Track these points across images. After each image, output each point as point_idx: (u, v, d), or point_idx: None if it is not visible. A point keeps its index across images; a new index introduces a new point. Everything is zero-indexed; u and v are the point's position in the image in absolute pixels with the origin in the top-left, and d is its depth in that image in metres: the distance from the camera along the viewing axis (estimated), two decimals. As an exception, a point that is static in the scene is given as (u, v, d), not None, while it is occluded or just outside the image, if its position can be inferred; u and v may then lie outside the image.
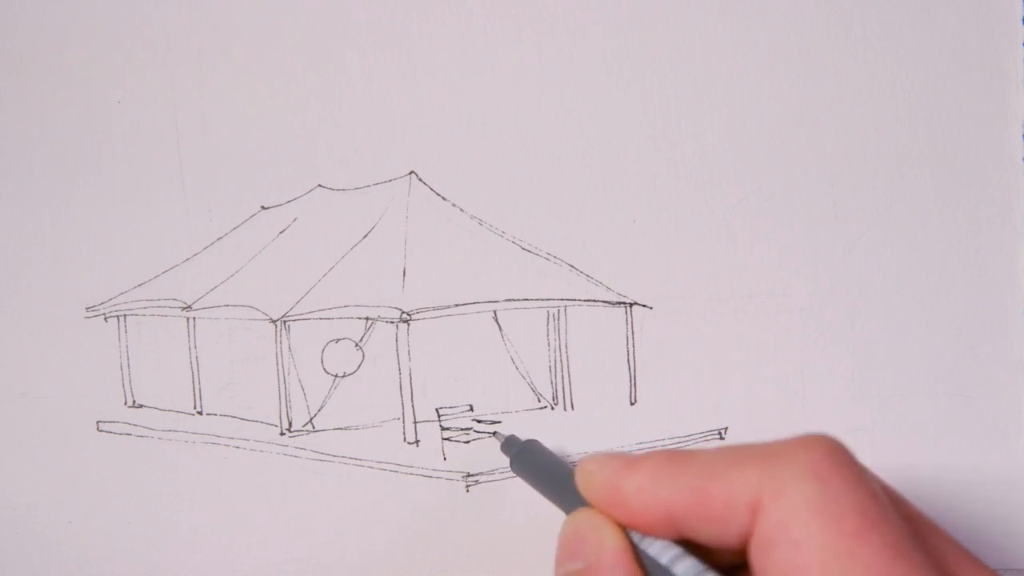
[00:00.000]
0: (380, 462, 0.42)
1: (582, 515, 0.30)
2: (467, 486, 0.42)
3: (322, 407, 0.43)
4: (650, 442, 0.42)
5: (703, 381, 0.42)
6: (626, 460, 0.29)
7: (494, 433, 0.41)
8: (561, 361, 0.43)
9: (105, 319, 0.43)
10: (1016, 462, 0.41)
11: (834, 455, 0.26)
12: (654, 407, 0.42)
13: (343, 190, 0.43)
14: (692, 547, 0.28)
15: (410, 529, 0.42)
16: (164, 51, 0.43)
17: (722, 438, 0.42)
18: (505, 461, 0.39)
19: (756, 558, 0.25)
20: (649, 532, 0.28)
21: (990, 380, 0.41)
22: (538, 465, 0.36)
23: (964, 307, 0.42)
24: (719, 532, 0.26)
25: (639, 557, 0.28)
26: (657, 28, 0.42)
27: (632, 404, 0.42)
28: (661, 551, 0.28)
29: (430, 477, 0.42)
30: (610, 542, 0.28)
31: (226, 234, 0.43)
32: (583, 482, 0.30)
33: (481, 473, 0.42)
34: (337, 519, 0.42)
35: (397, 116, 0.42)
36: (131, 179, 0.43)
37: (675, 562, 0.27)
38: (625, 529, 0.29)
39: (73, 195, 0.43)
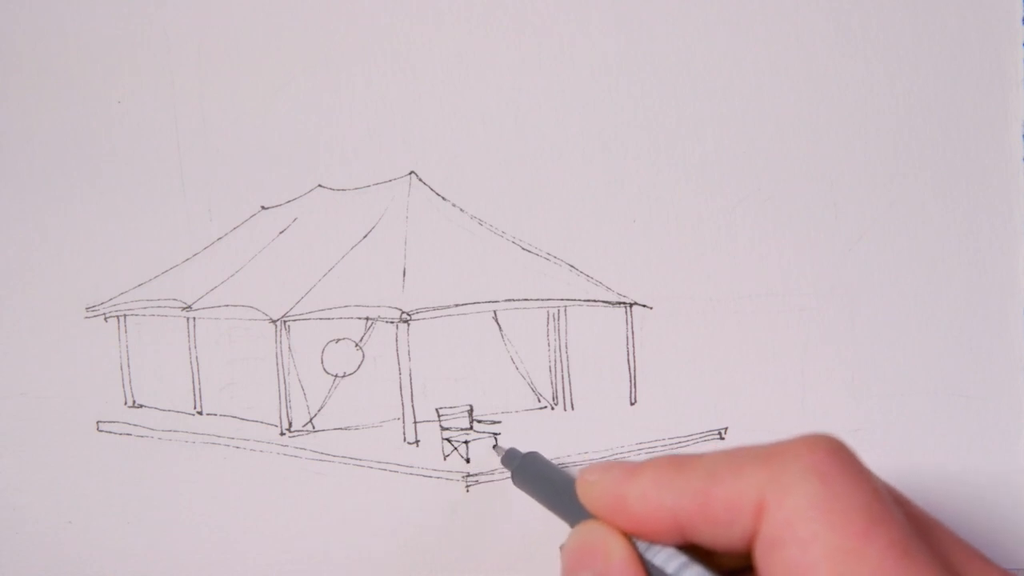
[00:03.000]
0: (380, 462, 0.42)
1: (587, 527, 0.29)
2: (467, 486, 0.42)
3: (322, 407, 0.43)
4: (650, 442, 0.42)
5: (703, 381, 0.42)
6: (627, 468, 0.29)
7: (495, 446, 0.41)
8: (561, 361, 0.43)
9: (105, 319, 0.43)
10: (1016, 462, 0.41)
11: (837, 454, 0.26)
12: (654, 407, 0.42)
13: (343, 190, 0.43)
14: (697, 551, 0.28)
15: (410, 529, 0.42)
16: (164, 51, 0.43)
17: (722, 438, 0.42)
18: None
19: (762, 559, 0.25)
20: (654, 539, 0.28)
21: (990, 380, 0.41)
22: (539, 478, 0.36)
23: (964, 307, 0.42)
24: (724, 535, 0.26)
25: (646, 567, 0.28)
26: (657, 28, 0.42)
27: (632, 404, 0.42)
28: (667, 560, 0.27)
29: (430, 477, 0.42)
30: (617, 553, 0.28)
31: (226, 234, 0.43)
32: (585, 493, 0.30)
33: (481, 473, 0.42)
34: (337, 519, 0.42)
35: (397, 116, 0.42)
36: (131, 179, 0.43)
37: (682, 570, 0.27)
38: (630, 538, 0.28)
39: (73, 195, 0.43)
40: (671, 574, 0.27)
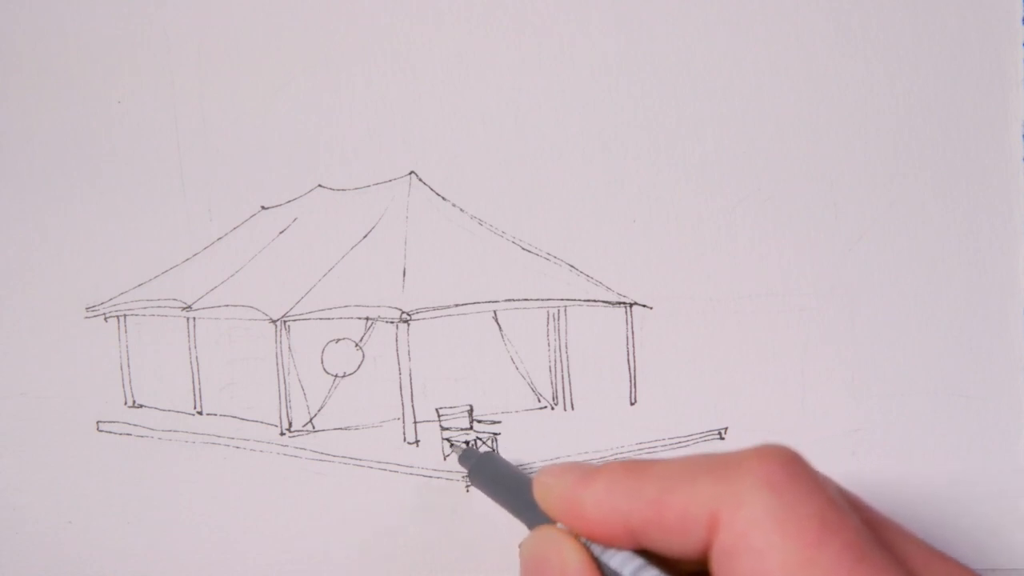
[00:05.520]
0: (380, 462, 0.42)
1: (543, 534, 0.29)
2: (467, 486, 0.42)
3: (322, 407, 0.43)
4: (650, 442, 0.42)
5: (703, 381, 0.42)
6: (583, 471, 0.29)
7: (452, 444, 0.41)
8: (561, 361, 0.43)
9: (105, 319, 0.43)
10: (1016, 462, 0.41)
11: (789, 465, 0.26)
12: (654, 407, 0.42)
13: (343, 190, 0.43)
14: (652, 557, 0.28)
15: (410, 529, 0.42)
16: (164, 51, 0.43)
17: (722, 438, 0.42)
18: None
19: (718, 569, 0.25)
20: (609, 544, 0.28)
21: (990, 380, 0.41)
22: (496, 478, 0.36)
23: (964, 307, 0.42)
24: (678, 543, 0.26)
25: (602, 570, 0.28)
26: (657, 28, 0.42)
27: (632, 404, 0.42)
28: (623, 563, 0.27)
29: (430, 477, 0.42)
30: (573, 561, 0.28)
31: (226, 234, 0.43)
32: (541, 495, 0.30)
33: (481, 473, 0.42)
34: (337, 519, 0.42)
35: (397, 116, 0.42)
36: (131, 179, 0.43)
37: (637, 574, 0.27)
38: (586, 543, 0.29)
39: (73, 195, 0.43)
40: None
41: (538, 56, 0.42)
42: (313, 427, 0.43)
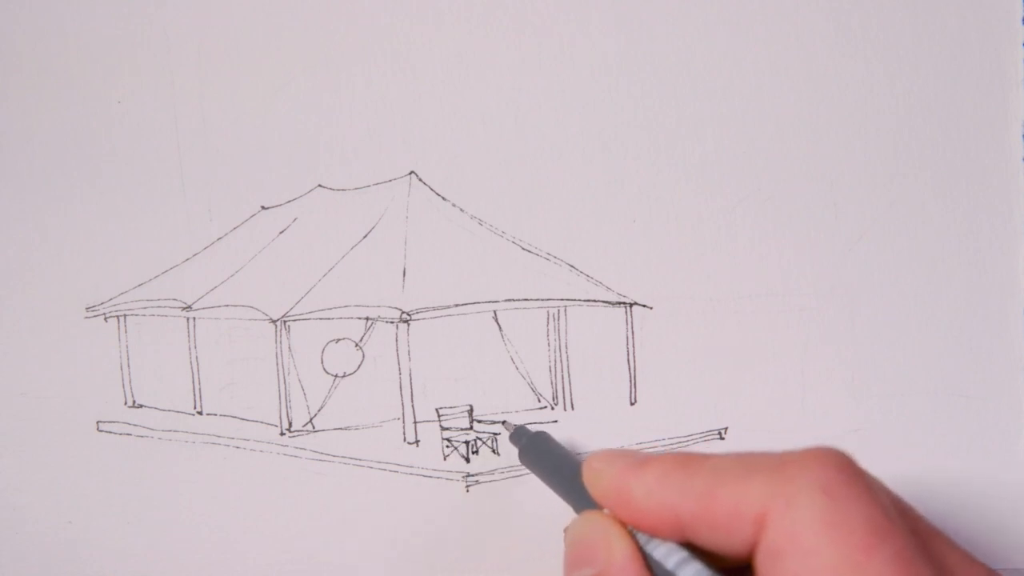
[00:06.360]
0: (380, 462, 0.42)
1: (590, 519, 0.30)
2: (467, 486, 0.42)
3: (322, 407, 0.43)
4: (650, 442, 0.42)
5: (703, 381, 0.42)
6: (634, 460, 0.29)
7: (503, 422, 0.41)
8: (561, 361, 0.43)
9: (105, 319, 0.43)
10: (1016, 462, 0.41)
11: (843, 469, 0.26)
12: (654, 407, 0.42)
13: (343, 190, 0.43)
14: (697, 550, 0.28)
15: (410, 529, 0.42)
16: (164, 51, 0.43)
17: (722, 438, 0.42)
18: (504, 461, 0.39)
19: (763, 568, 0.25)
20: (654, 534, 0.28)
21: (990, 380, 0.41)
22: (546, 458, 0.36)
23: (964, 307, 0.42)
24: (724, 539, 0.26)
25: (646, 560, 0.28)
26: (657, 28, 0.42)
27: (632, 404, 0.42)
28: (667, 554, 0.28)
29: (430, 477, 0.42)
30: (619, 548, 0.28)
31: (226, 234, 0.43)
32: (590, 480, 0.30)
33: (481, 473, 0.42)
34: (337, 519, 0.42)
35: (397, 116, 0.42)
36: (131, 179, 0.43)
37: (681, 566, 0.27)
38: (631, 530, 0.29)
39: (73, 195, 0.43)
40: (671, 569, 0.27)
41: (538, 56, 0.42)
42: (313, 427, 0.43)
